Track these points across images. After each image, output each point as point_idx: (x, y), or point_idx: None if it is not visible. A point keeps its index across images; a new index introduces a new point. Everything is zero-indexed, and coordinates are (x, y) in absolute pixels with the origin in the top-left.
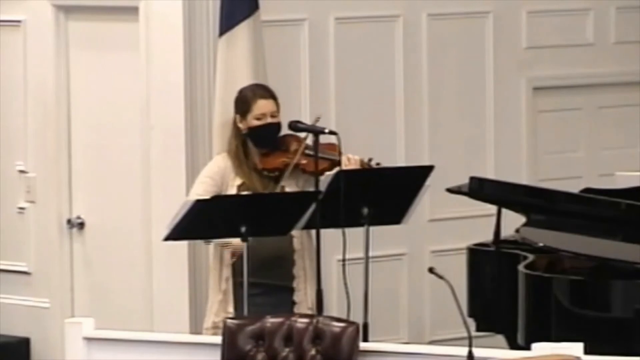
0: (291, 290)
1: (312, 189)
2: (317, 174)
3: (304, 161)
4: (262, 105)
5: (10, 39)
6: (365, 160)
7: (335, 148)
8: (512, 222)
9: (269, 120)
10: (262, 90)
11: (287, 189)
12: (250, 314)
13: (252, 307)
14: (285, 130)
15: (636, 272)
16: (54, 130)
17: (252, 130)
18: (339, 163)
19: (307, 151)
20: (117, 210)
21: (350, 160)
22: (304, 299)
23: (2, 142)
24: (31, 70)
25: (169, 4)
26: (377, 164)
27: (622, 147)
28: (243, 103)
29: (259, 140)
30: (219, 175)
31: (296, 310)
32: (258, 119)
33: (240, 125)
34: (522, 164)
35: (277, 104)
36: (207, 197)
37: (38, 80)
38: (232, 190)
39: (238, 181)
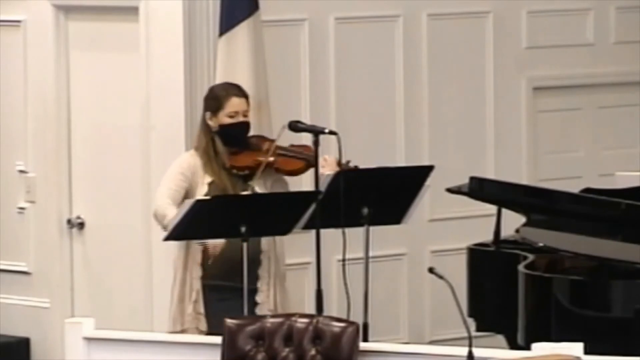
0: (254, 291)
1: (280, 189)
2: (294, 173)
3: (277, 159)
4: (235, 104)
5: (10, 39)
6: (343, 161)
7: (309, 149)
8: (512, 222)
9: (241, 118)
10: (236, 89)
11: (257, 189)
12: (222, 318)
13: (223, 313)
14: (276, 131)
15: (636, 272)
16: (54, 130)
17: (223, 128)
18: (314, 164)
19: (279, 151)
20: (117, 210)
21: (327, 161)
22: (265, 300)
23: (2, 142)
24: (31, 70)
25: (169, 4)
26: (355, 166)
27: (622, 147)
28: (215, 100)
29: (229, 138)
30: (189, 172)
31: (258, 311)
32: (230, 116)
33: (210, 123)
34: (522, 164)
35: (249, 104)
36: (179, 192)
37: (38, 80)
38: (203, 188)
39: (208, 179)
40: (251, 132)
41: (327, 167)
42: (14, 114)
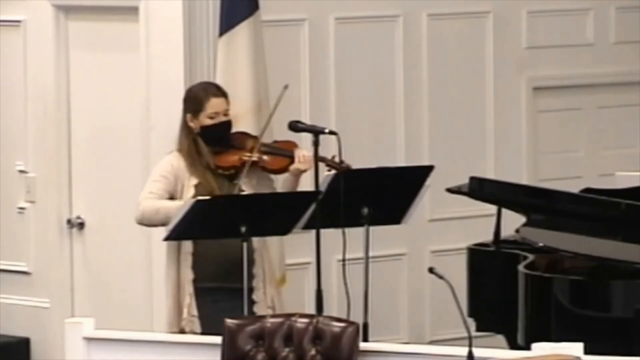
0: (250, 290)
1: (265, 187)
2: (280, 171)
3: (265, 157)
4: (215, 104)
5: (10, 39)
6: (329, 157)
7: (294, 145)
8: (512, 222)
9: (222, 118)
10: (214, 89)
11: (244, 188)
12: (216, 320)
13: (217, 313)
14: (282, 131)
15: (636, 272)
16: (54, 130)
17: (205, 129)
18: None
19: (264, 149)
20: (117, 210)
21: (304, 158)
22: (262, 298)
23: (2, 142)
24: (31, 70)
25: (169, 4)
26: (341, 161)
27: (622, 147)
28: (195, 102)
29: (212, 139)
30: (172, 175)
31: (255, 309)
32: (211, 117)
33: (192, 124)
34: (522, 164)
35: (229, 102)
36: (163, 195)
37: (38, 80)
38: (190, 190)
39: (194, 181)
40: (249, 132)
41: (305, 164)
42: (14, 114)
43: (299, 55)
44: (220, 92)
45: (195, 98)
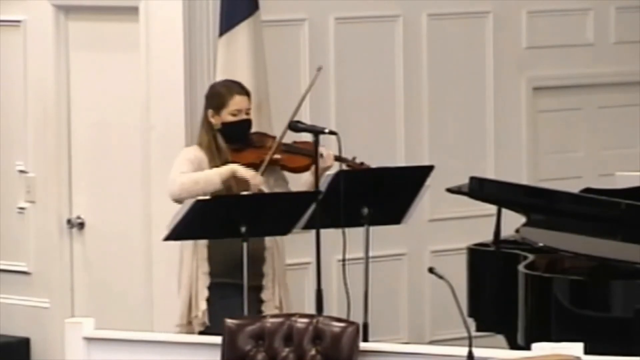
0: (260, 288)
1: (281, 187)
2: (299, 170)
3: (284, 156)
4: (238, 101)
5: (10, 39)
6: (350, 158)
7: (312, 145)
8: (512, 222)
9: (243, 116)
10: (238, 87)
11: (261, 186)
12: (224, 316)
13: (226, 310)
14: (277, 131)
15: (636, 272)
16: (54, 130)
17: (226, 126)
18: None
19: (283, 148)
20: (117, 210)
21: (326, 155)
22: (271, 297)
23: (2, 142)
24: (31, 70)
25: (169, 4)
26: (361, 163)
27: (622, 147)
28: (218, 98)
29: (232, 135)
30: (197, 162)
31: (263, 308)
32: (233, 114)
33: (213, 120)
34: (522, 164)
35: (251, 101)
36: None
37: (38, 80)
38: None
39: None
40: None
41: (327, 161)
42: (14, 114)
43: (299, 55)
44: (243, 90)
45: (219, 94)
